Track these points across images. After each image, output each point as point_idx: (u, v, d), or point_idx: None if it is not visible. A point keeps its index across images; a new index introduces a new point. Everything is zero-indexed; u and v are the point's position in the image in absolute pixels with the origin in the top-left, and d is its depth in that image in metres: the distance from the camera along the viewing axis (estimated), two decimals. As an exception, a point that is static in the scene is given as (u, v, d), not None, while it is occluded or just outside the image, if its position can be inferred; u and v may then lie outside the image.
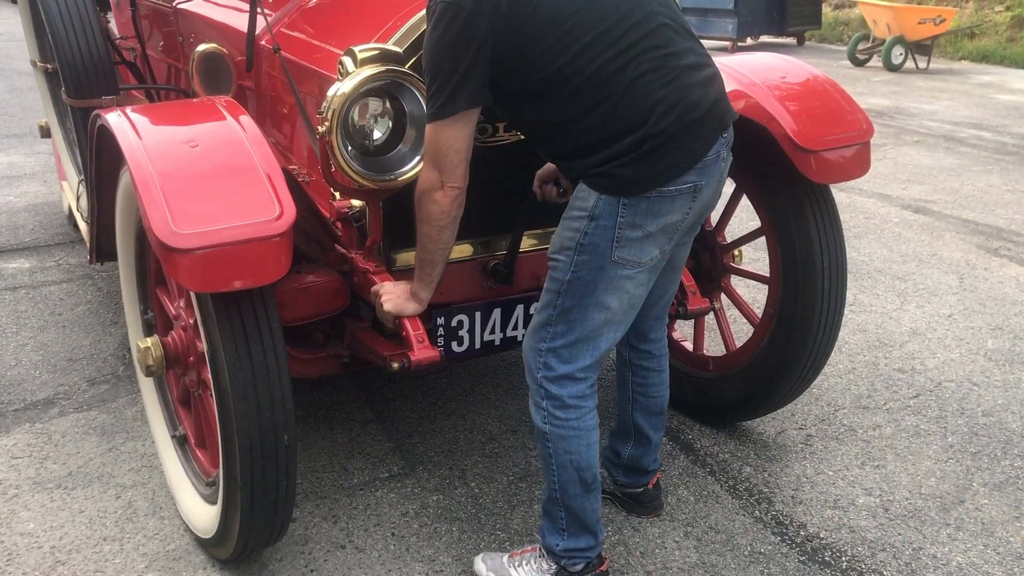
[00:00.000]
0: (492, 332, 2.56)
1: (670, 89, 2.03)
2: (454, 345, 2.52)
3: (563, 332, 2.15)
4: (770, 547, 2.60)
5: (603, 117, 2.01)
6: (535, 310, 2.26)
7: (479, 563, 2.44)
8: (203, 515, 2.45)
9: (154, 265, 2.61)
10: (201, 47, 3.10)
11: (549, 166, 2.48)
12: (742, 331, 3.52)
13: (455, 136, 2.03)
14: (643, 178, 2.02)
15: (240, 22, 3.08)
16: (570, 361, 2.17)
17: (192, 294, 2.13)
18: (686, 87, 2.05)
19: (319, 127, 2.19)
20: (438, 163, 2.05)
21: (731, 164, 2.25)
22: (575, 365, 2.17)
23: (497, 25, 1.97)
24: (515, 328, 2.59)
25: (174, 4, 3.68)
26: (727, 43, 13.55)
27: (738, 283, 3.45)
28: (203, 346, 2.15)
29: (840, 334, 3.72)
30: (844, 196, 6.02)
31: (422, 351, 2.25)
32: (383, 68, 2.21)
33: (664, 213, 2.07)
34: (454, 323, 2.50)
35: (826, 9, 15.28)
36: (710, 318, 3.29)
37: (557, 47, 1.99)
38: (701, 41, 2.22)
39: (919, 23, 11.49)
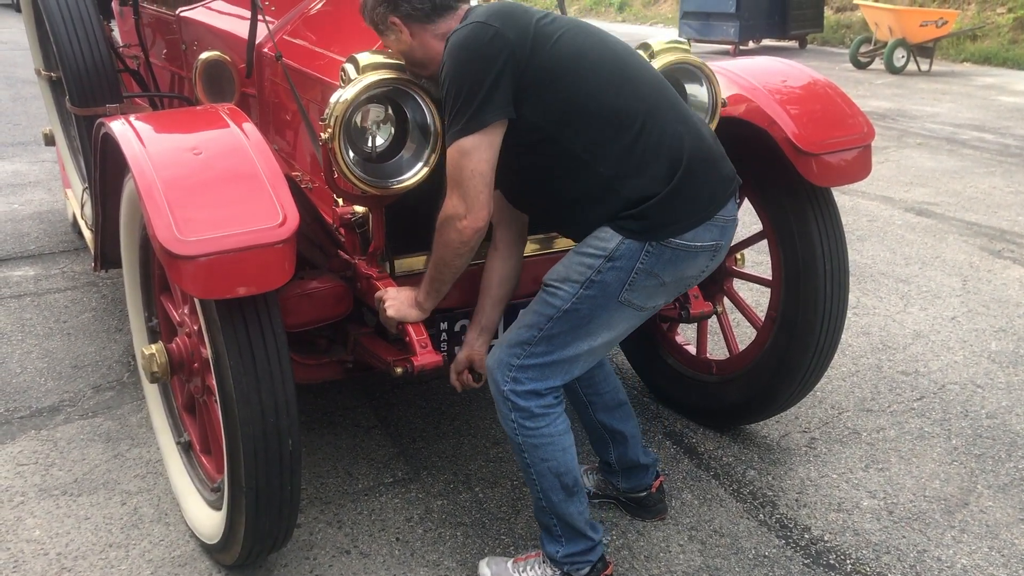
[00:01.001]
0: (494, 337, 2.57)
1: (685, 127, 2.10)
2: (457, 350, 2.52)
3: (541, 353, 2.15)
4: (774, 550, 2.60)
5: (629, 145, 2.04)
6: (513, 324, 2.25)
7: (483, 568, 2.44)
8: (208, 521, 2.46)
9: (158, 272, 2.62)
10: (204, 55, 3.12)
11: (461, 357, 2.41)
12: (745, 334, 3.52)
13: (479, 158, 2.01)
14: (674, 219, 2.04)
15: (243, 30, 3.10)
16: (540, 380, 2.18)
17: (196, 300, 2.14)
18: (696, 128, 2.13)
19: (322, 134, 2.20)
20: (462, 190, 2.04)
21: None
22: (544, 384, 2.18)
23: (523, 48, 2.01)
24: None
25: (177, 12, 3.70)
26: (729, 47, 13.56)
27: (740, 286, 3.45)
28: (207, 352, 2.15)
29: (843, 337, 3.73)
30: (847, 199, 6.02)
31: (425, 356, 2.26)
32: (385, 75, 2.22)
33: (684, 267, 2.11)
34: (457, 328, 2.50)
35: (828, 12, 15.28)
36: (713, 322, 3.30)
37: (578, 75, 2.04)
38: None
39: (921, 25, 11.48)
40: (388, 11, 2.15)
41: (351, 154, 2.25)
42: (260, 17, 2.92)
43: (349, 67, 2.22)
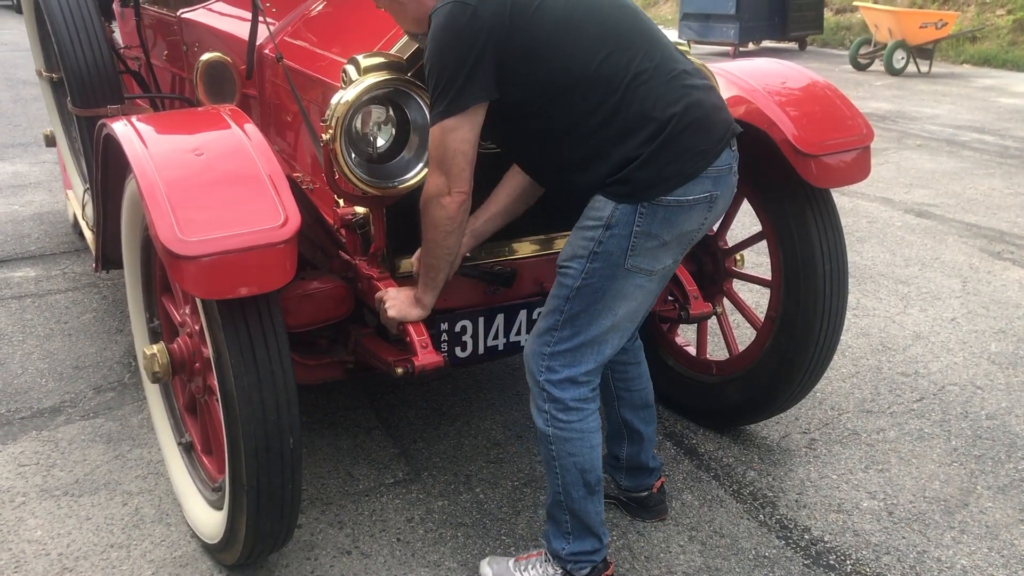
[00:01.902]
0: (496, 337, 2.57)
1: (672, 87, 2.06)
2: (458, 350, 2.53)
3: (568, 336, 2.16)
4: (775, 551, 2.60)
5: (610, 114, 2.02)
6: (539, 315, 2.27)
7: (485, 567, 2.45)
8: (209, 521, 2.46)
9: (159, 272, 2.63)
10: (205, 56, 3.13)
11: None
12: (745, 335, 3.53)
13: (461, 138, 2.03)
14: (660, 179, 2.03)
15: (244, 31, 3.10)
16: (573, 365, 2.18)
17: (198, 301, 2.15)
18: (688, 87, 2.09)
19: (323, 135, 2.21)
20: (445, 167, 2.06)
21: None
22: (578, 369, 2.18)
23: (501, 25, 1.99)
24: (518, 333, 2.60)
25: (178, 14, 3.71)
26: (729, 48, 13.57)
27: (740, 287, 3.46)
28: (209, 352, 2.16)
29: (843, 338, 3.74)
30: (847, 200, 6.03)
31: (426, 356, 2.26)
32: (386, 76, 2.23)
33: (680, 223, 2.09)
34: (457, 328, 2.51)
35: (828, 14, 15.30)
36: (713, 322, 3.30)
37: (560, 47, 2.02)
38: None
39: (920, 27, 11.50)
40: None
41: (352, 155, 2.25)
42: (261, 18, 2.92)
43: (350, 68, 2.23)
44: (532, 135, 2.13)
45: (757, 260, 4.20)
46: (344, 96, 2.19)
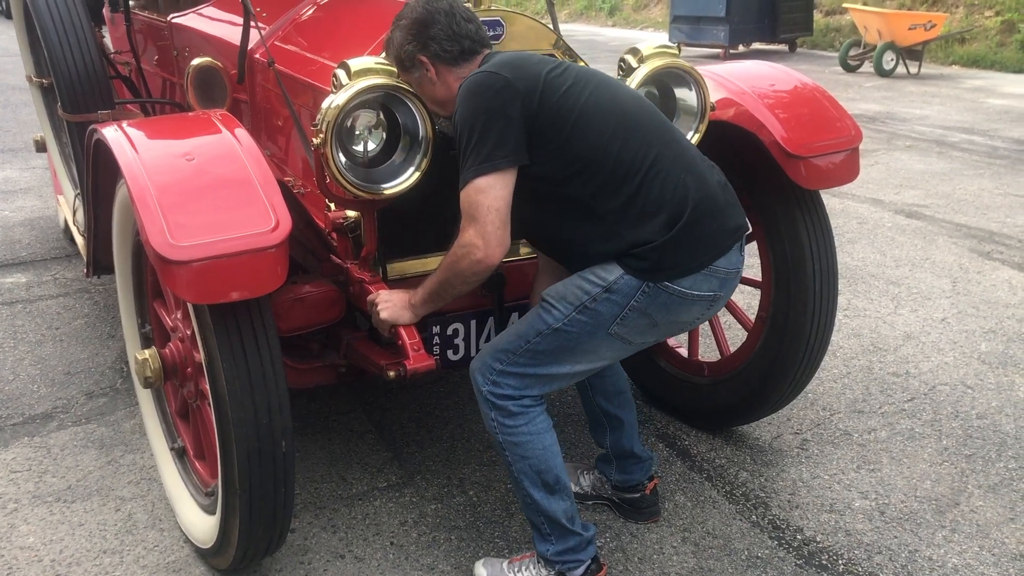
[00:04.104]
0: (487, 340, 2.58)
1: (690, 177, 2.12)
2: (450, 353, 2.53)
3: (524, 364, 2.18)
4: (767, 551, 2.61)
5: (629, 198, 2.07)
6: (505, 331, 2.28)
7: (479, 568, 2.45)
8: (202, 525, 2.46)
9: (151, 278, 2.63)
10: (196, 61, 3.13)
11: None
12: (736, 336, 3.54)
13: (495, 196, 2.04)
14: (674, 263, 2.07)
15: (234, 36, 3.10)
16: (518, 388, 2.21)
17: (189, 305, 2.15)
18: (703, 177, 2.15)
19: (314, 139, 2.21)
20: (479, 225, 2.05)
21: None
22: (522, 392, 2.21)
23: (532, 98, 2.05)
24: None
25: (169, 18, 3.70)
26: (719, 50, 13.62)
27: (732, 289, 3.46)
28: (201, 356, 2.16)
29: (834, 339, 3.76)
30: (837, 201, 6.05)
31: (418, 359, 2.27)
32: (377, 80, 2.23)
33: (678, 312, 2.14)
34: (449, 331, 2.51)
35: (817, 16, 15.35)
36: (704, 324, 3.31)
37: (586, 127, 2.08)
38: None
39: (909, 29, 11.55)
40: (416, 50, 2.19)
41: (343, 159, 2.26)
42: (252, 23, 2.92)
43: (341, 73, 2.24)
44: (550, 208, 2.15)
45: (748, 261, 4.21)
46: (335, 100, 2.20)
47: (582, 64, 2.40)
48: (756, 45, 14.36)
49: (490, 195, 2.04)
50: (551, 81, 2.11)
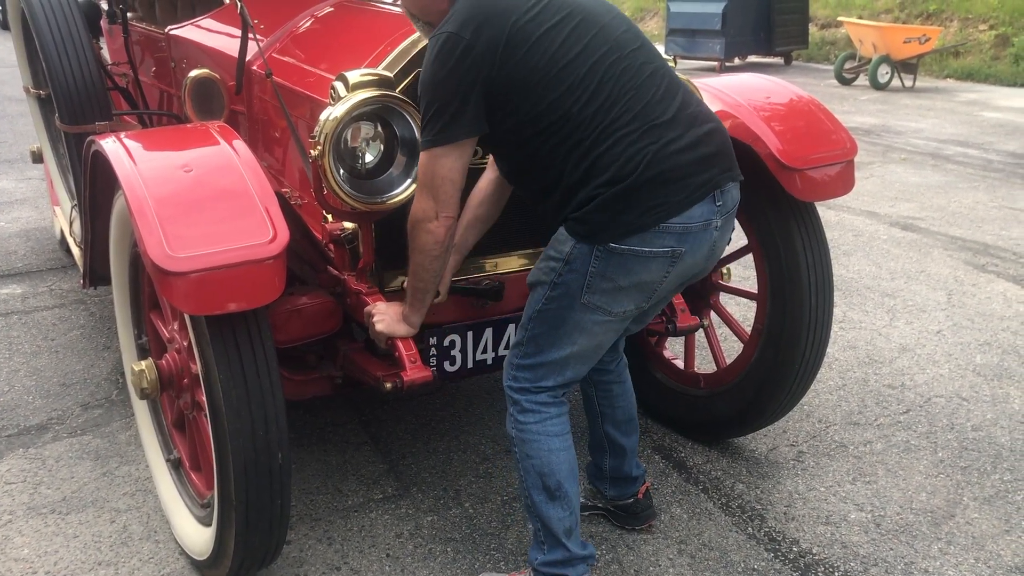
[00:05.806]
0: (484, 351, 2.58)
1: (643, 143, 2.03)
2: (446, 365, 2.53)
3: (531, 354, 2.21)
4: (763, 563, 2.61)
5: (581, 157, 2.05)
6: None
7: (477, 584, 2.45)
8: (198, 537, 2.45)
9: (148, 289, 2.63)
10: (193, 72, 3.13)
11: None
12: (732, 348, 3.55)
13: (451, 166, 2.06)
14: (613, 224, 2.03)
15: (232, 47, 3.11)
16: (535, 380, 2.23)
17: (186, 316, 2.15)
18: (661, 144, 2.04)
19: (311, 151, 2.22)
20: (433, 193, 2.08)
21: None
22: (540, 384, 2.23)
23: (493, 61, 2.01)
24: (507, 347, 2.61)
25: (166, 30, 3.71)
26: (715, 63, 13.67)
27: (727, 300, 3.47)
28: (197, 368, 2.16)
29: (830, 351, 3.77)
30: (832, 214, 6.07)
31: (415, 371, 2.27)
32: (374, 93, 2.24)
33: (638, 272, 2.09)
34: (446, 343, 2.51)
35: (813, 29, 15.43)
36: (700, 336, 3.32)
37: (546, 87, 2.03)
38: (699, 93, 2.25)
39: (904, 42, 11.61)
40: None
41: (341, 171, 2.26)
42: (250, 35, 2.93)
43: (338, 85, 2.25)
44: (517, 160, 2.18)
45: (744, 274, 4.23)
46: (333, 112, 2.20)
47: None
48: (752, 58, 14.42)
49: (445, 163, 2.06)
50: (522, 28, 2.02)
